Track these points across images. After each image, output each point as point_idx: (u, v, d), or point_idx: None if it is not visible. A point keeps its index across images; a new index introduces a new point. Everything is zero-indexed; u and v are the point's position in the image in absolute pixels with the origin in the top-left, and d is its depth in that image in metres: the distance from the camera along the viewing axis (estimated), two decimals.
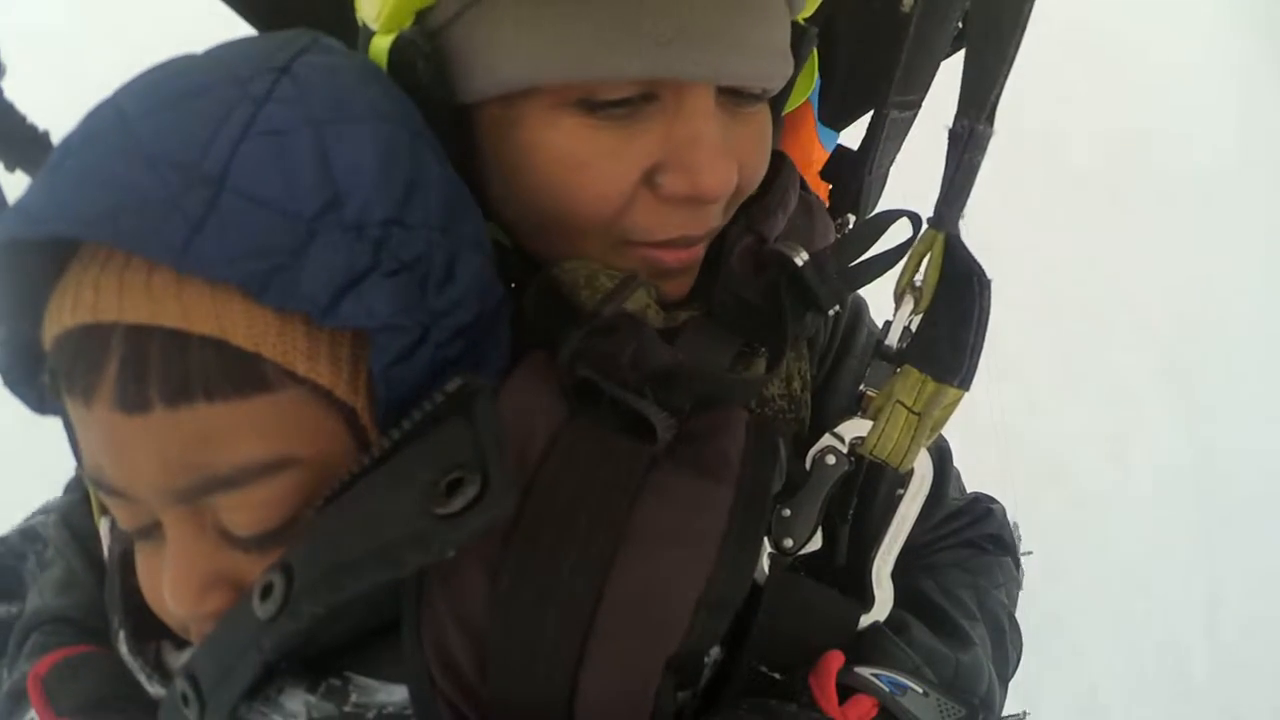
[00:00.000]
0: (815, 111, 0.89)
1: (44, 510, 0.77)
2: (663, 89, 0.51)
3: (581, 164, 0.52)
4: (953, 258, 0.57)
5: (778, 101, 0.62)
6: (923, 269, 0.58)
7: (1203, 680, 2.23)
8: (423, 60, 0.51)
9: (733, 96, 0.54)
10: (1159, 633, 2.29)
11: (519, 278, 0.58)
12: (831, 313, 0.68)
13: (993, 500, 0.78)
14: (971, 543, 0.73)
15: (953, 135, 0.55)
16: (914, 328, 0.59)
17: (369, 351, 0.44)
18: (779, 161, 0.65)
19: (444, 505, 0.37)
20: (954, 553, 0.72)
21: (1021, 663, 0.69)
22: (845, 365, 0.70)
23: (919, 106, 0.76)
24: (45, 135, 0.50)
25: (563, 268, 0.56)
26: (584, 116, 0.51)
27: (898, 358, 0.59)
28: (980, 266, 0.55)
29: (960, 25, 0.75)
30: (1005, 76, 0.51)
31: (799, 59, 0.62)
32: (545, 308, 0.55)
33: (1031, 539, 0.97)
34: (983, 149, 0.54)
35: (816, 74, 0.65)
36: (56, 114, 0.44)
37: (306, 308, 0.40)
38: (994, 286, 0.55)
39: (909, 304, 0.59)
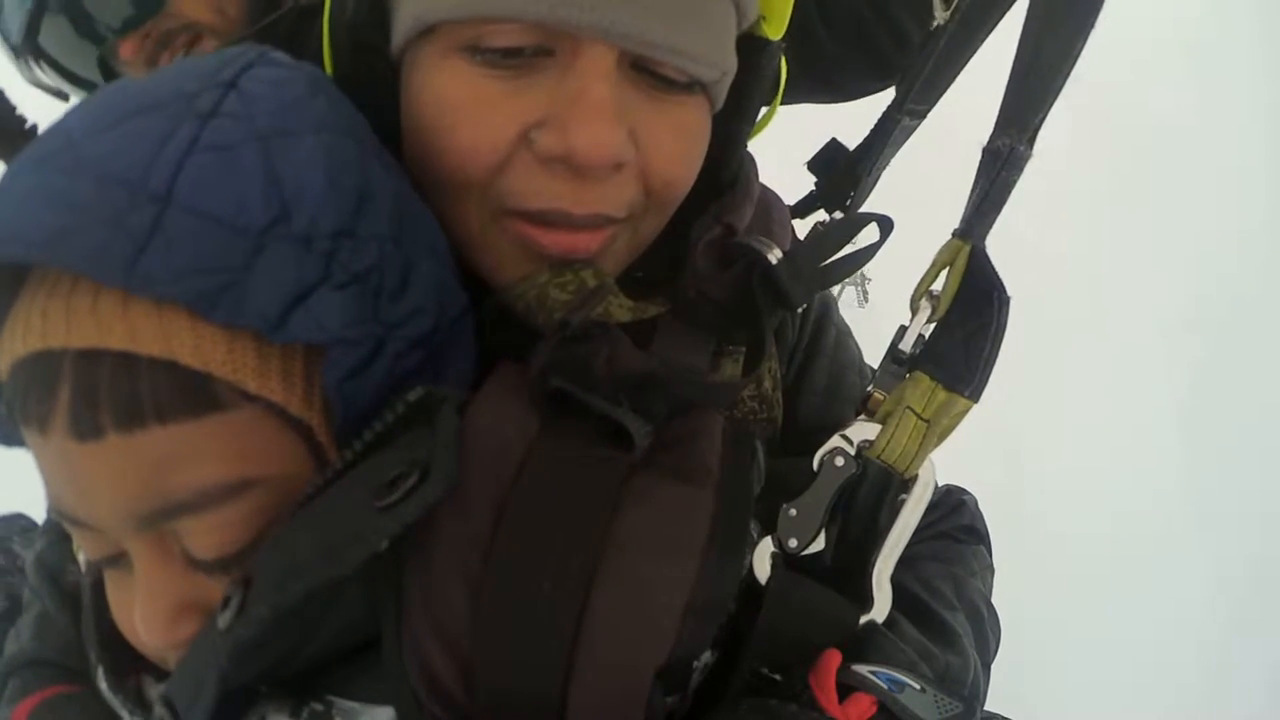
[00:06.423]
0: None
1: None
2: (560, 44, 0.48)
3: (458, 109, 0.49)
4: (975, 271, 0.57)
5: (736, 118, 0.59)
6: (942, 277, 0.58)
7: None
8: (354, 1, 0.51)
9: (650, 77, 0.51)
10: None
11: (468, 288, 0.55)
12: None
13: (965, 492, 0.79)
14: (947, 534, 0.74)
15: (991, 151, 0.55)
16: (928, 336, 0.59)
17: (323, 366, 0.43)
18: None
19: (385, 499, 0.38)
20: (930, 545, 0.73)
21: None
22: (816, 365, 0.70)
23: (925, 116, 0.76)
24: (34, 129, 0.46)
25: (511, 294, 0.54)
26: (472, 62, 0.49)
27: (910, 363, 0.59)
28: (1001, 282, 0.56)
29: None
30: (1051, 106, 0.52)
31: (759, 73, 0.58)
32: (504, 329, 0.54)
33: None
34: (1020, 169, 0.54)
35: (780, 98, 0.62)
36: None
37: (256, 324, 0.40)
38: None
39: (925, 311, 0.59)
